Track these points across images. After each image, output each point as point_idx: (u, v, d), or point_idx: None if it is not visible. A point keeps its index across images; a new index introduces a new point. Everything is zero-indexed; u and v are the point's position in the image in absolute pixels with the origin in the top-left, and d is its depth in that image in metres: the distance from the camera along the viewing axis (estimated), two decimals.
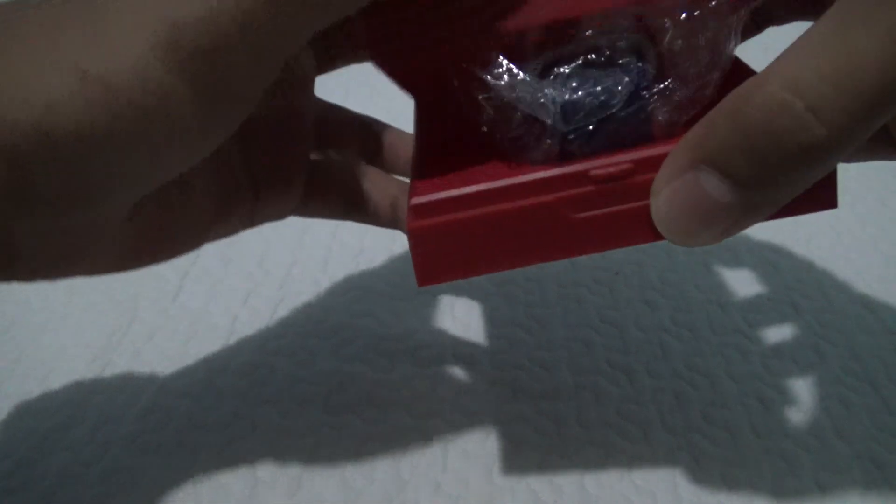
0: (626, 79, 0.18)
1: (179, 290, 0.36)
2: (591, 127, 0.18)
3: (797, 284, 0.37)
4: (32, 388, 0.31)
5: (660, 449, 0.29)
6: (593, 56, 0.18)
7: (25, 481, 0.27)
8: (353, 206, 0.28)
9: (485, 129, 0.19)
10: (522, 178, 0.18)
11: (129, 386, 0.31)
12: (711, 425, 0.30)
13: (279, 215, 0.27)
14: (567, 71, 0.18)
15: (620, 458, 0.28)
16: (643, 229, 0.19)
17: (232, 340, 0.34)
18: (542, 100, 0.18)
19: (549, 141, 0.18)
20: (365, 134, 0.29)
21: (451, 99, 0.20)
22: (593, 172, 0.18)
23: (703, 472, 0.28)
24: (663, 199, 0.17)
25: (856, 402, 0.31)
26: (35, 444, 0.28)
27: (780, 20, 0.26)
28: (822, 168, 0.16)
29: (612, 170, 0.18)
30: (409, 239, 0.19)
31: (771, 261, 0.40)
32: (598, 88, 0.18)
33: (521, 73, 0.18)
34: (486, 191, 0.18)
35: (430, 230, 0.19)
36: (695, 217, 0.17)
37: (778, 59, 0.16)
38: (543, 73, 0.18)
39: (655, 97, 0.18)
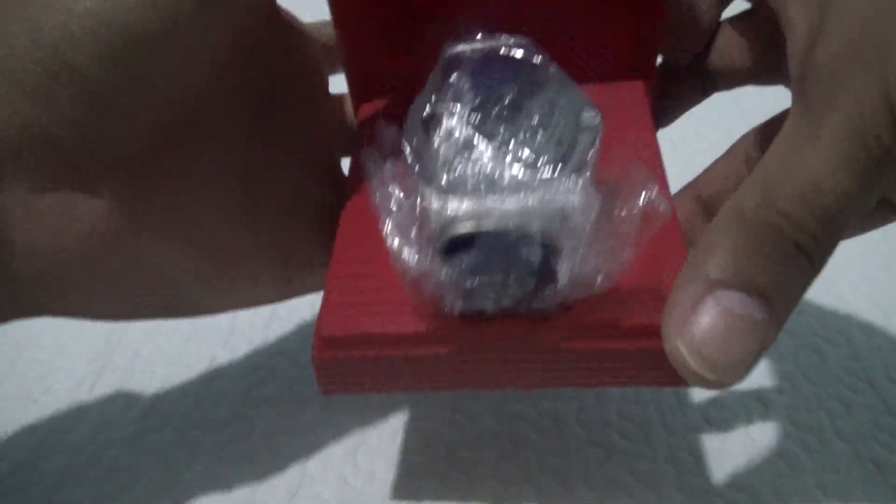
0: (530, 279, 0.18)
1: None
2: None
3: None
4: (32, 388, 0.31)
5: (660, 449, 0.29)
6: (501, 247, 0.18)
7: (25, 481, 0.27)
8: None
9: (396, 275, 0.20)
10: (423, 330, 0.20)
11: (128, 386, 0.31)
12: (712, 425, 0.30)
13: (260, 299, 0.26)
14: (476, 258, 0.19)
15: (621, 458, 0.28)
16: (529, 378, 0.21)
17: (232, 341, 0.34)
18: (447, 282, 0.19)
19: (451, 304, 0.19)
20: None
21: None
22: (487, 338, 0.20)
23: (703, 472, 0.28)
24: (693, 333, 0.17)
25: (856, 401, 0.31)
26: (35, 444, 0.28)
27: (725, 87, 0.28)
28: (821, 262, 0.17)
29: (501, 338, 0.20)
30: (314, 364, 0.21)
31: None
32: (499, 281, 0.19)
33: (429, 255, 0.19)
34: (389, 335, 0.20)
35: (333, 360, 0.21)
36: (730, 341, 0.17)
37: (752, 184, 0.17)
38: (450, 253, 0.19)
39: (552, 295, 0.19)
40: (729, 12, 0.27)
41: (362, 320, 0.21)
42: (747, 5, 0.27)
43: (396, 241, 0.19)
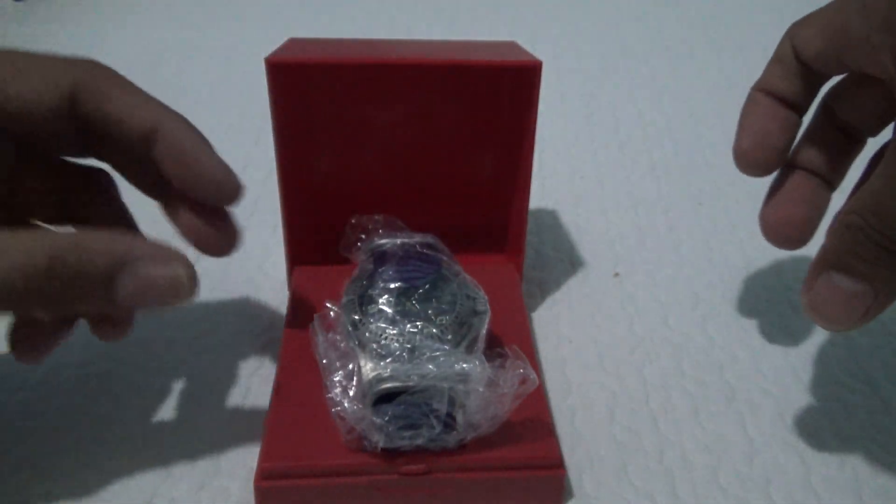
0: (438, 424, 0.24)
1: None
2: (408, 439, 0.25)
3: (797, 285, 0.37)
4: (33, 388, 0.31)
5: (655, 449, 0.29)
6: (417, 400, 0.24)
7: (26, 481, 0.27)
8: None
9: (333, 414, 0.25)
10: (350, 463, 0.25)
11: (129, 388, 0.31)
12: (710, 426, 0.30)
13: None
14: (398, 408, 0.24)
15: (617, 459, 0.28)
16: (436, 499, 0.26)
17: (234, 345, 0.34)
18: (374, 425, 0.24)
19: (375, 442, 0.25)
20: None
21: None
22: (403, 469, 0.25)
23: (701, 473, 0.28)
24: (812, 296, 0.24)
25: (854, 403, 0.31)
26: (35, 445, 0.28)
27: (877, 132, 0.30)
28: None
29: (413, 468, 0.25)
30: (255, 492, 0.25)
31: (770, 261, 0.40)
32: (414, 425, 0.24)
33: (361, 405, 0.24)
34: (321, 467, 0.25)
35: (272, 488, 0.25)
36: (836, 305, 0.24)
37: (852, 203, 0.23)
38: (378, 403, 0.25)
39: (453, 436, 0.25)
40: None
41: (299, 454, 0.25)
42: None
43: (337, 393, 0.25)
